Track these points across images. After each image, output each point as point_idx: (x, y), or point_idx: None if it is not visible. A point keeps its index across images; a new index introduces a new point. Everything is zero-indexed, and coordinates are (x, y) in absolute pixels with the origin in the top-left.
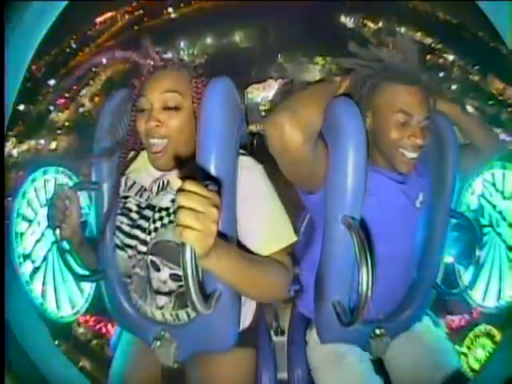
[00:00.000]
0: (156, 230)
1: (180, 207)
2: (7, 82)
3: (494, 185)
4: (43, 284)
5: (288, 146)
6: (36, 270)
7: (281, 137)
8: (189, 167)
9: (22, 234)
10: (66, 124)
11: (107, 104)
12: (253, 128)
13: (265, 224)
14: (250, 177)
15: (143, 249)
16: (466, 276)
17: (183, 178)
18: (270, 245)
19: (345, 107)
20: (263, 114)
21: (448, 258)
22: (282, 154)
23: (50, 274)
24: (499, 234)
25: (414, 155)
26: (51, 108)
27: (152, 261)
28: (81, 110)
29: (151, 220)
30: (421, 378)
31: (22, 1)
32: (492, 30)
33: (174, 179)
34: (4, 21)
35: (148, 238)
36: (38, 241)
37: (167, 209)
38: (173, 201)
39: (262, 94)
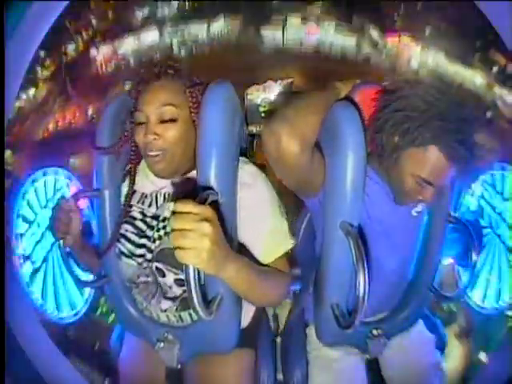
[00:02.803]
0: (160, 237)
1: (172, 230)
2: (7, 82)
3: (493, 186)
4: (43, 285)
5: (284, 155)
6: (36, 271)
7: (277, 147)
8: (188, 178)
9: (21, 235)
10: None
11: (107, 110)
12: (253, 129)
13: (267, 234)
14: (253, 187)
15: (149, 256)
16: (464, 278)
17: (178, 197)
18: (271, 253)
19: (344, 112)
20: (263, 115)
21: (447, 260)
22: (279, 163)
23: (49, 276)
24: (499, 236)
25: (416, 203)
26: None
27: (157, 267)
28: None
29: (155, 229)
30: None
31: (22, 1)
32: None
33: (171, 204)
34: (4, 21)
35: (153, 246)
36: (37, 242)
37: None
38: None
39: (262, 95)
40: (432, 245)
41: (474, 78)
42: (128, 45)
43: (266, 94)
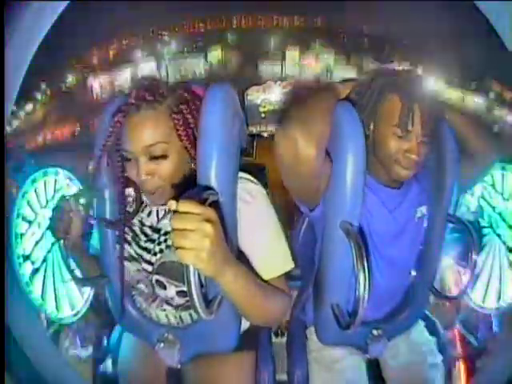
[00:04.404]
0: (161, 251)
1: (173, 230)
2: (7, 82)
3: (493, 186)
4: (43, 285)
5: (301, 159)
6: (36, 271)
7: (294, 150)
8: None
9: (21, 235)
10: None
11: (107, 111)
12: (253, 129)
13: (265, 252)
14: (253, 205)
15: (148, 268)
16: (464, 278)
17: (178, 198)
18: (269, 270)
19: (344, 112)
20: (263, 115)
21: (448, 260)
22: (294, 168)
23: (49, 275)
24: (499, 236)
25: (408, 172)
26: None
27: (157, 280)
28: None
29: (156, 242)
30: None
31: (22, 1)
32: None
33: (171, 202)
34: (4, 21)
35: (153, 259)
36: (37, 242)
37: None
38: None
39: (262, 95)
40: (432, 245)
41: (474, 101)
42: (125, 76)
43: (265, 94)
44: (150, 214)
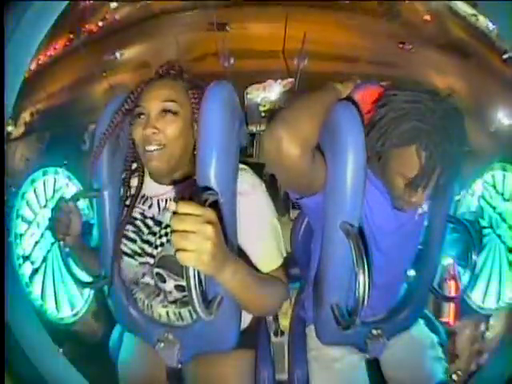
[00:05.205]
0: (162, 244)
1: (174, 231)
2: (7, 82)
3: (494, 186)
4: (43, 285)
5: (285, 159)
6: (35, 271)
7: (278, 150)
8: (187, 183)
9: (21, 235)
10: None
11: (108, 108)
12: (253, 128)
13: (264, 245)
14: (251, 197)
15: (150, 261)
16: (464, 278)
17: (179, 198)
18: (268, 264)
19: (345, 112)
20: (263, 114)
21: (447, 260)
22: (279, 167)
23: (49, 276)
24: (499, 236)
25: (407, 209)
26: None
27: (158, 273)
28: None
29: (157, 235)
30: (413, 380)
31: (22, 1)
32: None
33: (171, 203)
34: (4, 21)
35: (155, 252)
36: (37, 242)
37: None
38: None
39: (262, 94)
40: (432, 245)
41: (487, 24)
42: None
43: (265, 93)
44: (151, 206)
